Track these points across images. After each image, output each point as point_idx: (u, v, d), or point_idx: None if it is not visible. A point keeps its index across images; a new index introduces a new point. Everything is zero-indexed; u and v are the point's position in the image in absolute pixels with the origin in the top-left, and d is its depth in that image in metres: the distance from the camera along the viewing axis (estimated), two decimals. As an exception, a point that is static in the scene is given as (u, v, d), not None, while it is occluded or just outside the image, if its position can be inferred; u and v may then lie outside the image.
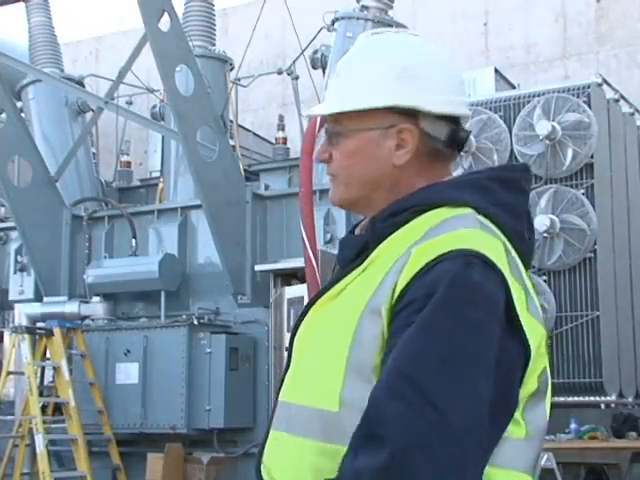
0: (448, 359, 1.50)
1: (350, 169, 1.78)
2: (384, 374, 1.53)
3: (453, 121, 1.77)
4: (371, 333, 1.60)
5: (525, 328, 1.60)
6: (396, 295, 1.58)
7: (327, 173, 1.85)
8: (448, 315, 1.52)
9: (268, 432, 1.75)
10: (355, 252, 1.72)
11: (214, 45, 11.21)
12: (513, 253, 1.67)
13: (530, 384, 1.65)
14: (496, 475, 1.59)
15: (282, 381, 1.78)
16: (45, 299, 10.32)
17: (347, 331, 1.62)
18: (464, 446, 1.48)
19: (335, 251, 1.94)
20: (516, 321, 1.59)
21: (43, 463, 8.49)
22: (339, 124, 1.79)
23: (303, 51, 10.43)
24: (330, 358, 1.63)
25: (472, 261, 1.56)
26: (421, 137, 1.75)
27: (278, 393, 1.78)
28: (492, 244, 1.62)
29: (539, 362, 1.65)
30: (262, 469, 1.72)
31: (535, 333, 1.64)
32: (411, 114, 1.74)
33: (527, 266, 1.74)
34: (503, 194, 1.72)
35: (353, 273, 1.68)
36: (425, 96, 1.74)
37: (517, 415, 1.63)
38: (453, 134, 1.77)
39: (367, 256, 1.68)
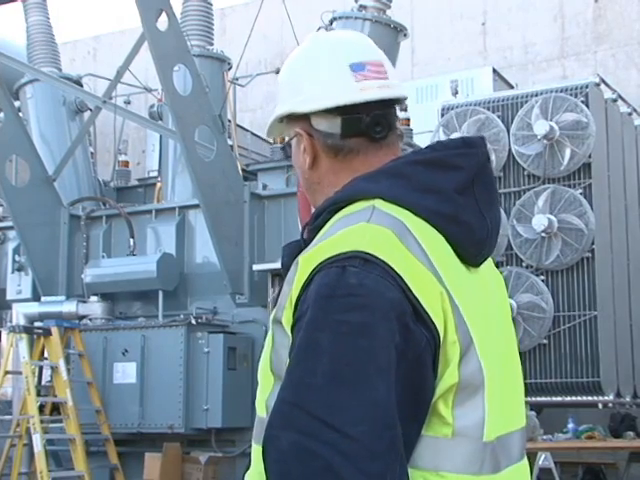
0: (333, 375, 1.45)
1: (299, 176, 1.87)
2: (274, 406, 1.49)
3: (346, 112, 1.73)
4: (281, 342, 1.61)
5: (430, 313, 1.51)
6: (293, 306, 1.57)
7: None
8: (324, 329, 1.47)
9: None
10: (292, 258, 1.70)
11: (212, 45, 11.21)
12: (420, 237, 1.57)
13: (449, 376, 1.54)
14: (414, 478, 1.51)
15: None
16: (43, 299, 10.31)
17: (269, 340, 1.65)
18: (378, 454, 1.41)
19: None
20: (417, 307, 1.51)
21: (41, 463, 8.48)
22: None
23: (301, 51, 10.40)
24: (265, 366, 1.67)
25: (348, 264, 1.51)
26: (317, 137, 1.76)
27: None
28: (378, 236, 1.55)
29: (452, 350, 1.54)
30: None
31: (441, 317, 1.54)
32: (303, 118, 1.77)
33: (472, 247, 1.66)
34: (426, 177, 1.64)
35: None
36: (294, 98, 1.78)
37: (443, 411, 1.54)
38: (347, 125, 1.73)
39: None
